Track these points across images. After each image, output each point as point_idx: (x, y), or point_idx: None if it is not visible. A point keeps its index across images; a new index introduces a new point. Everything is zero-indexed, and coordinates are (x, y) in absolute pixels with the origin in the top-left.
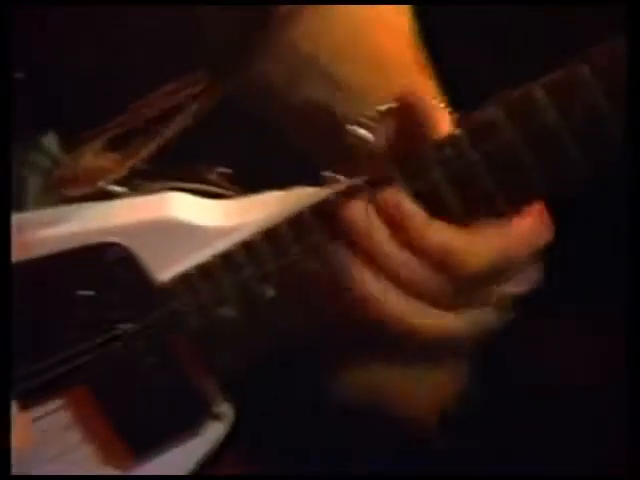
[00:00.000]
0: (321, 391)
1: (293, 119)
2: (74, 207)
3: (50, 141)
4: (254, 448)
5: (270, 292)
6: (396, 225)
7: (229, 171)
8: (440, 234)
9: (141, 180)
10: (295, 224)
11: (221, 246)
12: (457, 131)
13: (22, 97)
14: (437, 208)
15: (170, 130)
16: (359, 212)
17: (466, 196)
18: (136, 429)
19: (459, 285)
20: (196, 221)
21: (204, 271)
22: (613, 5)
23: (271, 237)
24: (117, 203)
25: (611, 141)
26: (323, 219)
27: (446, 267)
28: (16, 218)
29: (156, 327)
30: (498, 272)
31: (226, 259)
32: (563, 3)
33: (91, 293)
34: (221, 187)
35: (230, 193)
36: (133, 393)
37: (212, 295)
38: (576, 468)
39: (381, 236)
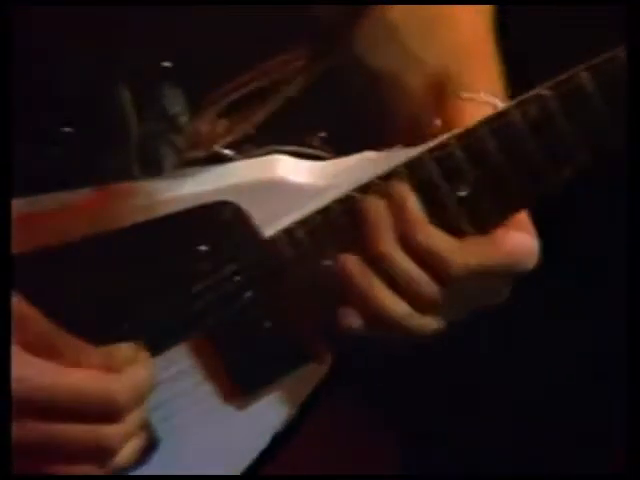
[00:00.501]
0: None
1: (372, 88)
2: (192, 169)
3: (176, 101)
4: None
5: None
6: (397, 218)
7: (326, 135)
8: (432, 237)
9: (250, 144)
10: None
11: (319, 203)
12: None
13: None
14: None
15: (277, 99)
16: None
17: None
18: (246, 371)
19: (443, 289)
20: (298, 181)
21: (306, 225)
22: (613, 5)
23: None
24: (229, 166)
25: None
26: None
27: (432, 267)
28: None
29: (264, 277)
30: (478, 282)
31: (325, 214)
32: (563, 3)
33: (207, 248)
34: (319, 150)
35: (327, 155)
36: (245, 338)
37: (313, 247)
38: (576, 468)
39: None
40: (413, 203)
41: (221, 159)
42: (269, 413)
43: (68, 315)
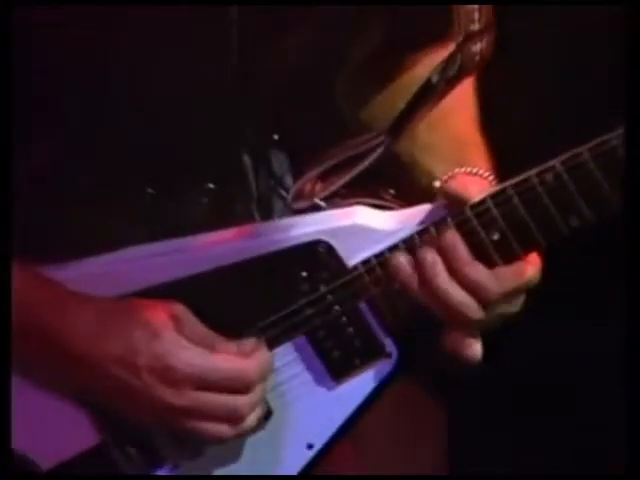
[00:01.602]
0: None
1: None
2: (298, 216)
3: (283, 165)
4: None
5: None
6: (448, 258)
7: (393, 192)
8: (476, 274)
9: (339, 198)
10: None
11: (389, 242)
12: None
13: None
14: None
15: (360, 166)
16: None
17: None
18: (335, 362)
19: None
20: (373, 225)
21: (379, 258)
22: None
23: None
24: (324, 213)
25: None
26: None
27: (476, 294)
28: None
29: (348, 296)
30: (506, 301)
31: (392, 251)
32: (563, 3)
33: (307, 274)
34: (390, 202)
35: (396, 206)
36: (334, 339)
37: (384, 276)
38: (576, 468)
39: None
40: (461, 247)
41: (318, 209)
42: (350, 395)
43: (213, 320)
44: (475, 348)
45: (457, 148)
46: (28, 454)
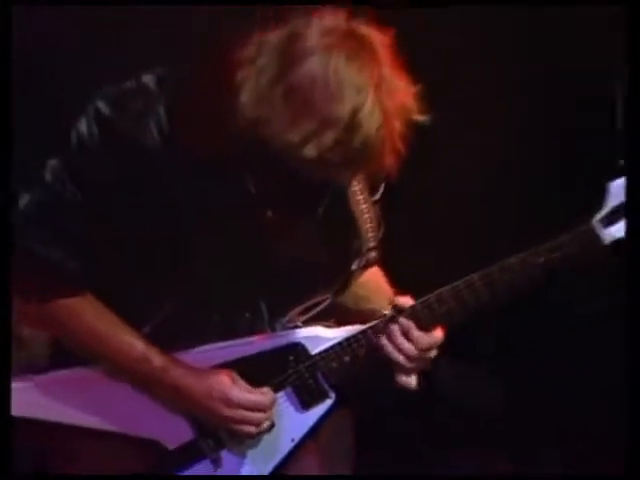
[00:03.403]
0: None
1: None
2: (289, 331)
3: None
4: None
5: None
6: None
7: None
8: (425, 341)
9: (313, 323)
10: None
11: (336, 341)
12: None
13: None
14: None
15: (319, 308)
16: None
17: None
18: (303, 399)
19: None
20: (324, 335)
21: (337, 347)
22: (613, 5)
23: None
24: (301, 329)
25: None
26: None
27: (427, 353)
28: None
29: (313, 368)
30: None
31: (341, 344)
32: (563, 3)
33: (292, 357)
34: (333, 325)
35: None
36: (303, 386)
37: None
38: (576, 468)
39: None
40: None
41: (298, 327)
42: (312, 415)
43: (246, 379)
44: (412, 380)
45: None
46: (158, 438)
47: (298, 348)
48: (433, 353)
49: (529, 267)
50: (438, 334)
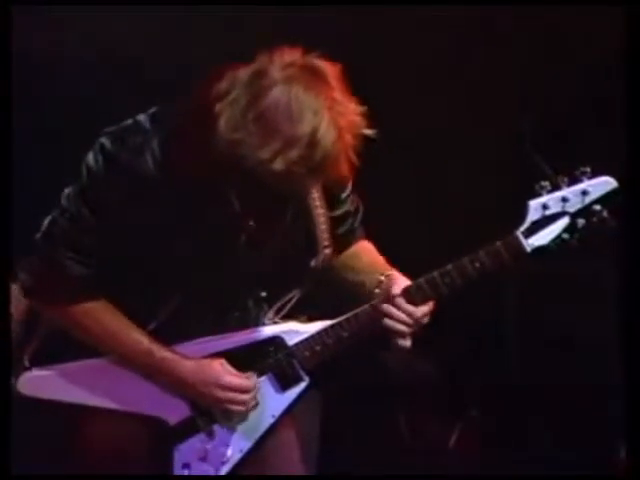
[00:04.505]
0: None
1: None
2: (272, 326)
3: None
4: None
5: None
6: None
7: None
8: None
9: (290, 319)
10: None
11: (310, 334)
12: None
13: None
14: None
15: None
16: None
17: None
18: (282, 382)
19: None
20: (300, 329)
21: (308, 340)
22: (613, 5)
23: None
24: (279, 324)
25: None
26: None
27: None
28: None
29: (290, 357)
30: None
31: (313, 336)
32: (563, 3)
33: (272, 348)
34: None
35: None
36: (281, 372)
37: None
38: (576, 468)
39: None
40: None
41: (277, 323)
42: (289, 395)
43: (234, 365)
44: (408, 342)
45: (373, 264)
46: (161, 415)
47: (277, 340)
48: (426, 319)
49: (466, 271)
50: (428, 306)
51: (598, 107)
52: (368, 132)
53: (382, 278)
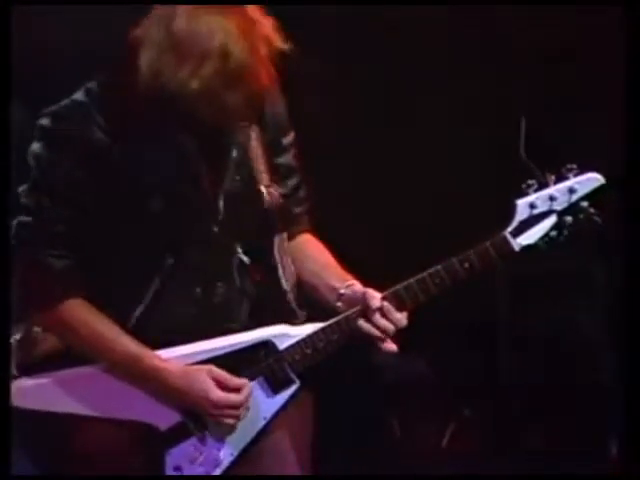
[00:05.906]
0: None
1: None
2: (262, 329)
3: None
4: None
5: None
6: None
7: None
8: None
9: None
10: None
11: (300, 338)
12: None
13: None
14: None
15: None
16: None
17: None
18: (273, 385)
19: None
20: (290, 332)
21: (299, 344)
22: (613, 5)
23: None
24: (272, 327)
25: None
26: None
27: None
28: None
29: (281, 360)
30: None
31: (304, 340)
32: (563, 3)
33: (263, 352)
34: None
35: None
36: (273, 376)
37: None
38: (569, 467)
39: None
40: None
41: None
42: (280, 398)
43: (225, 369)
44: (393, 345)
45: (326, 267)
46: (151, 421)
47: (268, 345)
48: (404, 323)
49: (455, 271)
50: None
51: (597, 106)
52: (283, 46)
53: (342, 291)
